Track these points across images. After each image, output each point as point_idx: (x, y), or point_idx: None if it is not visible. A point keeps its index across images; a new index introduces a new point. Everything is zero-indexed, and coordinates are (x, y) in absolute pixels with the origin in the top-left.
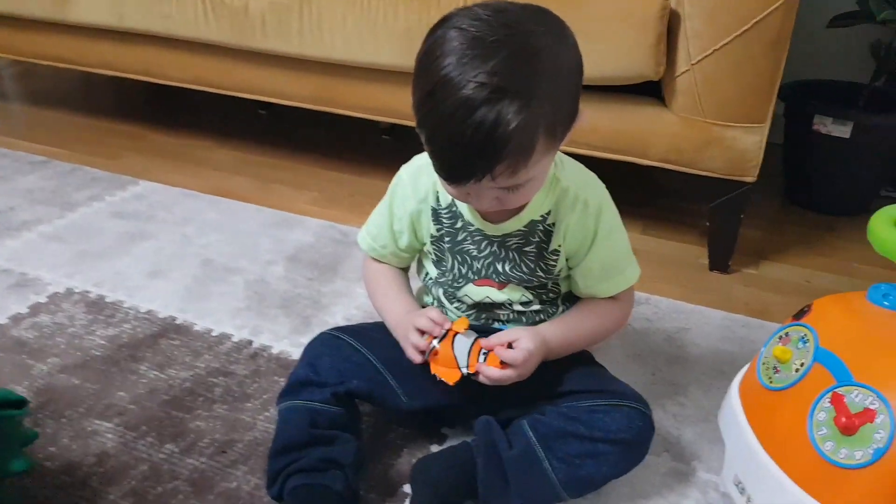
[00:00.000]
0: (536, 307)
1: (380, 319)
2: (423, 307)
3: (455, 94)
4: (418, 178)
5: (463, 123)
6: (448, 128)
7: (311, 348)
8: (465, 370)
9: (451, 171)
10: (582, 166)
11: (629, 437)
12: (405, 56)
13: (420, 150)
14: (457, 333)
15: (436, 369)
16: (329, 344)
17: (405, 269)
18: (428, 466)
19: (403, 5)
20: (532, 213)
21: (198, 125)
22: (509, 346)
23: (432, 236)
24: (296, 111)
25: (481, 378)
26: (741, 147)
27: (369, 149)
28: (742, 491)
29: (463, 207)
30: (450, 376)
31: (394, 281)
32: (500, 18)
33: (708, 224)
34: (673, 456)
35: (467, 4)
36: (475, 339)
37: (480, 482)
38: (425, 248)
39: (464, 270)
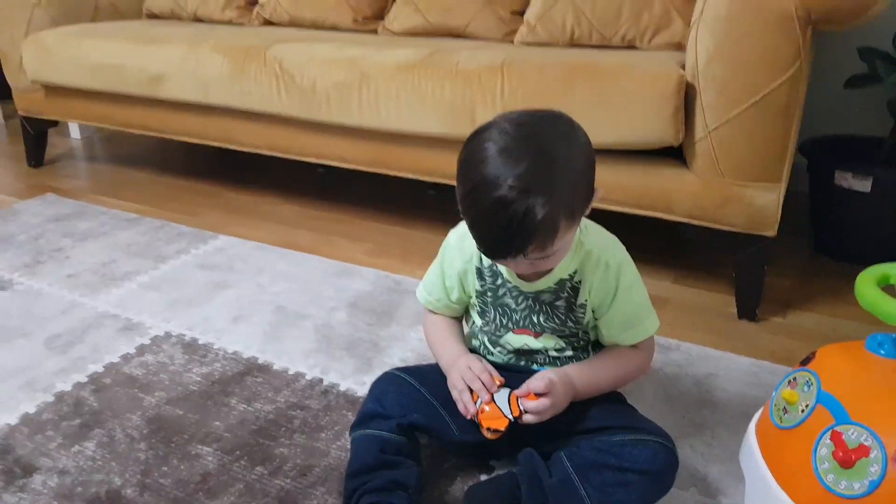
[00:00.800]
0: (569, 353)
1: (434, 361)
2: (472, 349)
3: (492, 192)
4: (464, 241)
5: (499, 216)
6: (488, 219)
7: (377, 385)
8: (510, 417)
9: (491, 251)
10: (604, 230)
11: (655, 468)
12: (450, 126)
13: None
14: (497, 389)
15: (486, 423)
16: (393, 382)
17: (458, 318)
18: (478, 492)
19: (449, 83)
20: (560, 273)
21: (264, 183)
22: None
23: (477, 291)
24: (349, 170)
25: (525, 417)
26: (759, 204)
27: (416, 203)
28: None
29: (501, 268)
30: (499, 424)
31: (447, 329)
32: (522, 131)
33: (734, 275)
34: (700, 490)
35: (495, 118)
36: (510, 392)
37: None
38: (472, 301)
39: (504, 321)
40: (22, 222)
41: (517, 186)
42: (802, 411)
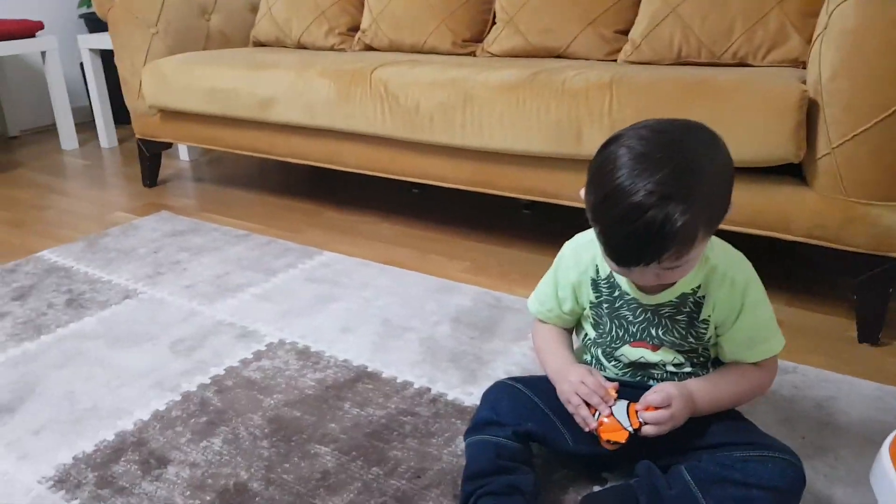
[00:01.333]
0: (688, 369)
1: (542, 373)
2: (583, 362)
3: (628, 198)
4: (580, 253)
5: (636, 222)
6: (622, 226)
7: (491, 393)
8: (630, 429)
9: (623, 259)
10: (730, 246)
11: (782, 485)
12: (555, 145)
13: (559, 224)
14: (614, 402)
15: (606, 435)
16: (506, 391)
17: (569, 330)
18: (594, 501)
19: (555, 102)
20: (683, 287)
21: (363, 203)
22: None
23: (591, 302)
24: (444, 191)
25: (645, 429)
26: (886, 224)
27: (512, 223)
28: None
29: (621, 279)
30: (619, 437)
31: (556, 339)
32: (661, 138)
33: (855, 297)
34: None
35: (630, 126)
36: (628, 404)
37: None
38: (585, 312)
39: (620, 333)
40: (141, 237)
41: (657, 192)
42: None
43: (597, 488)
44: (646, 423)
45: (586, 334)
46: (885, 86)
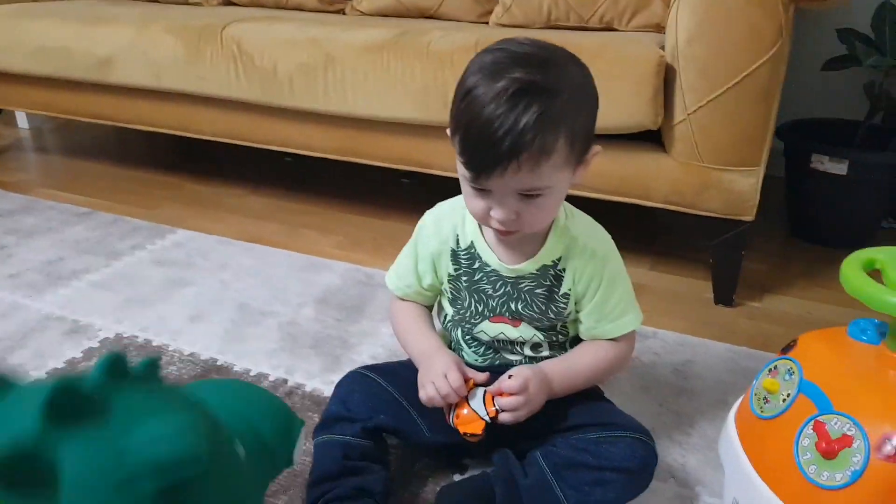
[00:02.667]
0: (546, 353)
1: (403, 358)
2: None
3: (489, 89)
4: (441, 221)
5: (495, 112)
6: (480, 118)
7: (342, 386)
8: (486, 418)
9: (481, 160)
10: (590, 219)
11: (632, 465)
12: (422, 111)
13: (438, 196)
14: (467, 394)
15: (463, 427)
16: (359, 381)
17: (429, 307)
18: (451, 494)
19: (420, 65)
20: (544, 257)
21: (229, 174)
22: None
23: (450, 275)
24: (319, 159)
25: (501, 417)
26: (738, 189)
27: (390, 194)
28: None
29: (481, 249)
30: (476, 427)
31: (418, 318)
32: (537, 43)
33: (711, 260)
34: (678, 482)
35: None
36: (484, 392)
37: None
38: (443, 287)
39: (480, 308)
40: None
41: (520, 79)
42: (784, 401)
43: (458, 477)
44: (502, 410)
45: (446, 315)
46: (738, 51)
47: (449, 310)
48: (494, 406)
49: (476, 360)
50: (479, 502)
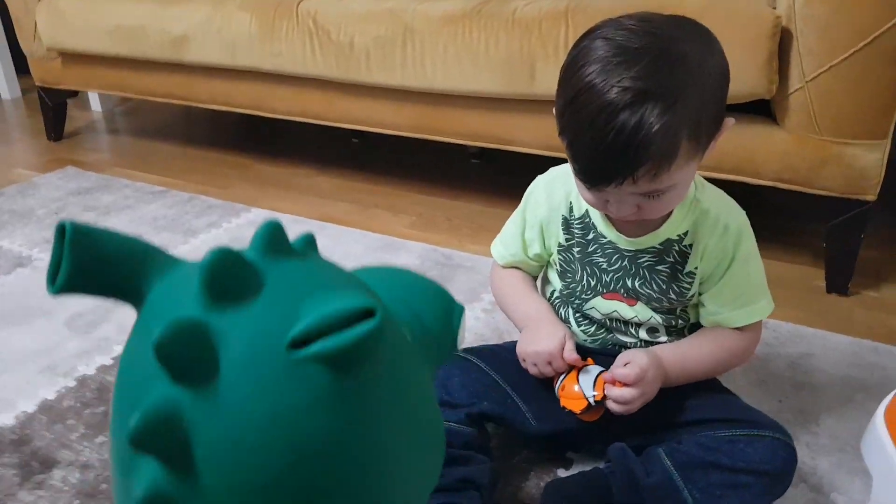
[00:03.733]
0: (663, 339)
1: (499, 342)
2: None
3: (598, 98)
4: (553, 186)
5: (605, 127)
6: (591, 132)
7: (442, 369)
8: (591, 399)
9: (592, 174)
10: (722, 191)
11: (773, 468)
12: (506, 83)
13: (511, 176)
14: (581, 368)
15: (564, 401)
16: (458, 365)
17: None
18: (560, 489)
19: (504, 34)
20: (669, 231)
21: (297, 154)
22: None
23: (560, 245)
24: (386, 139)
25: (610, 406)
26: (861, 165)
27: (460, 173)
28: None
29: (596, 218)
30: (576, 405)
31: (524, 282)
32: (646, 27)
33: (825, 245)
34: (810, 487)
35: (611, 17)
36: (599, 373)
37: None
38: (552, 259)
39: (592, 283)
40: (42, 196)
41: (632, 89)
42: None
43: (561, 472)
44: (611, 399)
45: (553, 290)
46: (864, 10)
47: (557, 283)
48: (604, 391)
49: (585, 341)
50: (592, 500)
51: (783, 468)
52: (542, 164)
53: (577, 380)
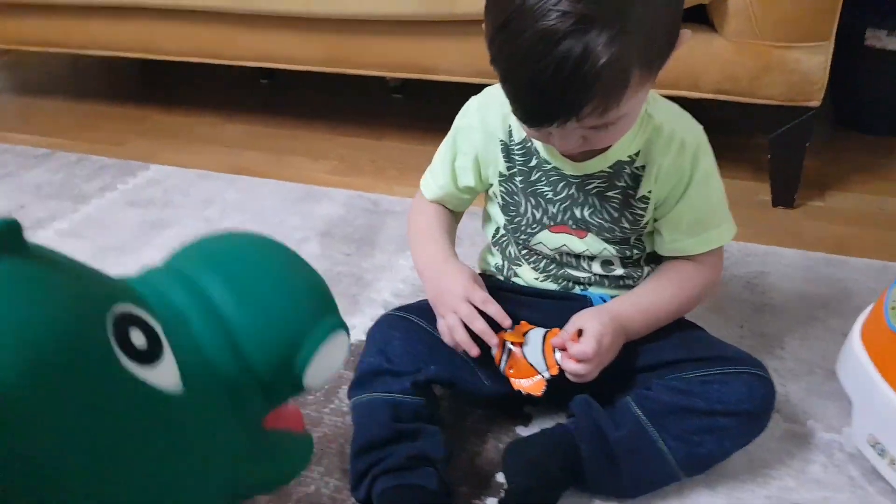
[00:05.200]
0: (619, 272)
1: None
2: (482, 273)
3: (534, 24)
4: (488, 108)
5: (544, 59)
6: (527, 65)
7: (377, 332)
8: (546, 374)
9: (532, 113)
10: (676, 105)
11: (752, 407)
12: (424, 4)
13: (438, 109)
14: (525, 333)
15: (516, 383)
16: (397, 326)
17: (456, 218)
18: (522, 452)
19: None
20: (619, 152)
21: (200, 101)
22: (578, 334)
23: (501, 175)
24: (299, 78)
25: (567, 371)
26: (804, 69)
27: (381, 110)
28: (882, 452)
29: (538, 143)
30: (535, 388)
31: (435, 219)
32: None
33: (770, 157)
34: (784, 417)
35: None
36: (545, 334)
37: (588, 468)
38: (491, 191)
39: (538, 215)
40: None
41: (573, 13)
42: None
43: (521, 430)
44: (567, 372)
45: (497, 227)
46: None
47: (500, 218)
48: (556, 358)
49: (537, 279)
50: (559, 460)
51: (762, 405)
52: (471, 92)
53: (523, 353)
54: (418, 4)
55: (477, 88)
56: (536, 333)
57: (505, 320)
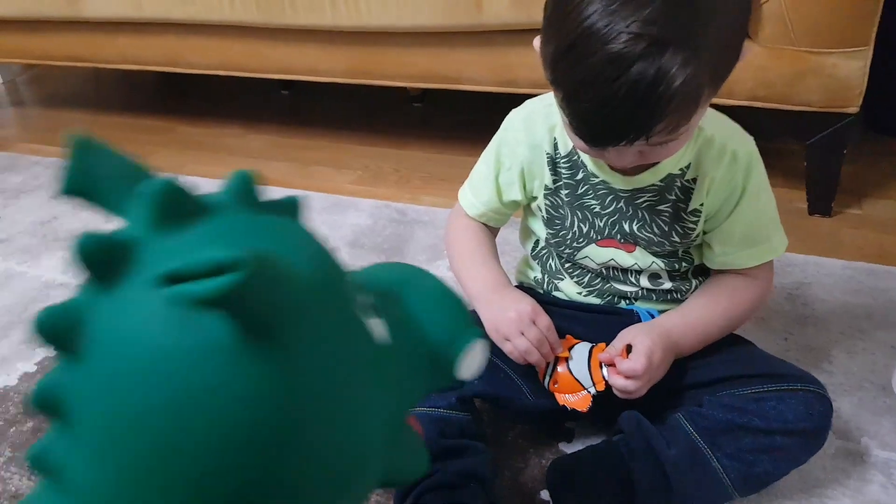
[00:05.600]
0: (667, 286)
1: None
2: (519, 285)
3: (603, 47)
4: (532, 121)
5: (616, 81)
6: (597, 87)
7: None
8: (592, 390)
9: (599, 134)
10: (725, 116)
11: (810, 426)
12: (448, 14)
13: (459, 117)
14: (570, 348)
15: (562, 398)
16: None
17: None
18: (568, 469)
19: None
20: (670, 166)
21: (222, 113)
22: (627, 350)
23: (546, 188)
24: (318, 89)
25: (615, 390)
26: (842, 75)
27: (402, 119)
28: None
29: (587, 157)
30: (580, 403)
31: (484, 242)
32: None
33: (806, 164)
34: (838, 434)
35: None
36: (591, 349)
37: (640, 488)
38: (534, 205)
39: (584, 229)
40: None
41: (646, 36)
42: None
43: (564, 446)
44: (615, 389)
45: (537, 240)
46: None
47: (542, 232)
48: (603, 374)
49: (580, 293)
50: (607, 479)
51: (820, 424)
52: (492, 101)
53: (569, 368)
54: (443, 16)
55: (499, 97)
56: (583, 348)
57: (558, 349)
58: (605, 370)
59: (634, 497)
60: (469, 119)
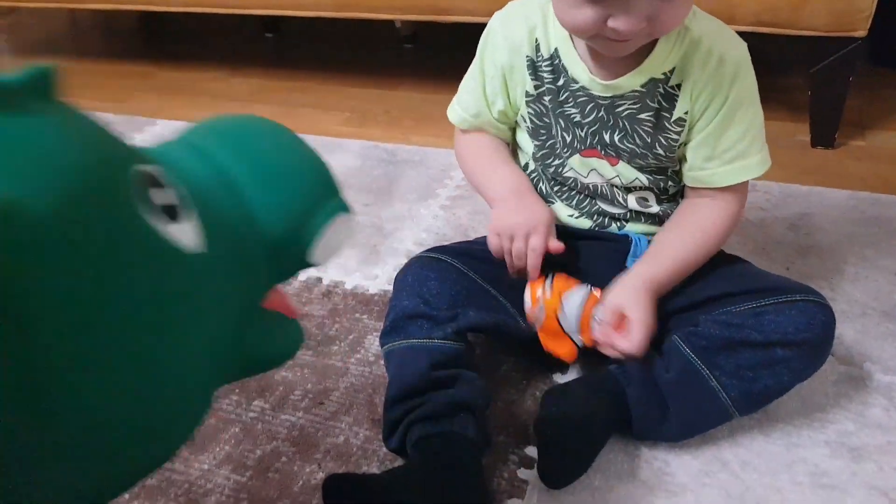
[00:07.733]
0: (655, 209)
1: (470, 238)
2: None
3: None
4: (512, 22)
5: None
6: None
7: (410, 274)
8: (578, 342)
9: None
10: (720, 21)
11: (812, 336)
12: None
13: (450, 56)
14: (562, 293)
15: (547, 344)
16: (431, 267)
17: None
18: (563, 397)
19: None
20: (653, 67)
21: (204, 56)
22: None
23: (528, 94)
24: (304, 32)
25: (604, 350)
26: None
27: (393, 60)
28: None
29: (567, 58)
30: (567, 355)
31: (495, 147)
32: None
33: (810, 93)
34: (840, 359)
35: None
36: (584, 298)
37: (635, 413)
38: (519, 115)
39: (568, 138)
40: None
41: None
42: None
43: (559, 377)
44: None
45: (527, 163)
46: None
47: (529, 146)
48: (594, 331)
49: (571, 216)
50: (605, 409)
51: (823, 333)
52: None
53: (561, 304)
54: None
55: None
56: (575, 296)
57: (533, 277)
58: (596, 328)
59: (630, 422)
60: (462, 58)
